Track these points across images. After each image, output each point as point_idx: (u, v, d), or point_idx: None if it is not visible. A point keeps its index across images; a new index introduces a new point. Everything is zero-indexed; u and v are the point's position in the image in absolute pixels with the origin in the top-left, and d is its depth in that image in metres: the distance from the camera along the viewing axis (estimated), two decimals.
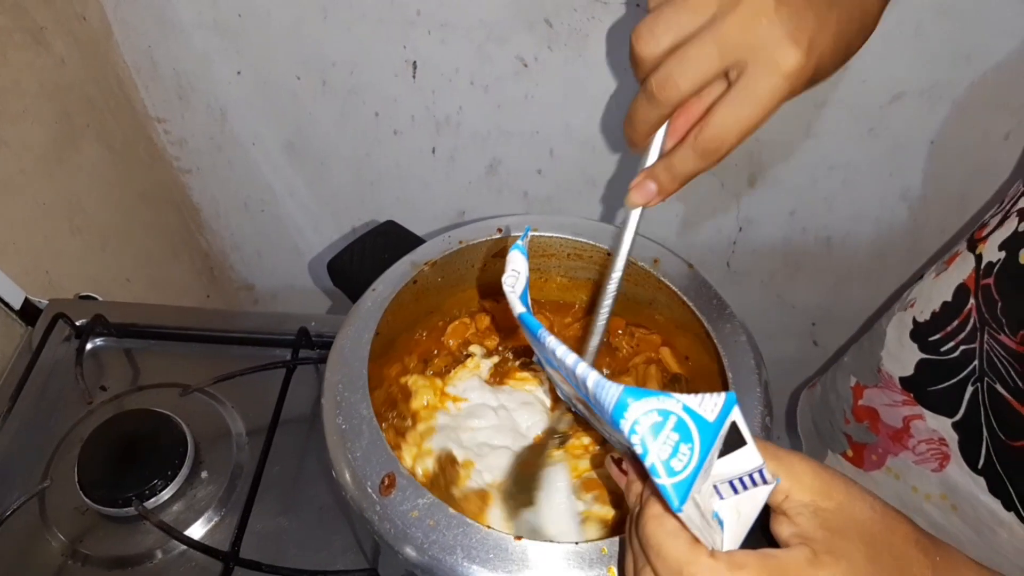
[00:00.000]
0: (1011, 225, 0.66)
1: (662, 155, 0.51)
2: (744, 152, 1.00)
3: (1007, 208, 0.69)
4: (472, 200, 1.14)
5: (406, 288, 0.68)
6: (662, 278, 0.68)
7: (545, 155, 1.04)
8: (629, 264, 0.57)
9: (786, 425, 1.40)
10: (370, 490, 0.54)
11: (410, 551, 0.52)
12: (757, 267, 1.17)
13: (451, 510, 0.53)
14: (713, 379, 0.67)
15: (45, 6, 0.87)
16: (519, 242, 0.50)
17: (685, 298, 0.67)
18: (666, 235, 1.13)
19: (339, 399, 0.59)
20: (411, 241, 0.76)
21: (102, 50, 0.97)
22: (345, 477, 0.56)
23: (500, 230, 0.72)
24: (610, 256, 0.61)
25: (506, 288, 0.47)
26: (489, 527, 0.52)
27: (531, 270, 0.74)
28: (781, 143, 0.98)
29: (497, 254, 0.73)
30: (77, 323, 0.85)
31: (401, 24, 0.92)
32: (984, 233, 0.70)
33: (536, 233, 0.73)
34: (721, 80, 0.46)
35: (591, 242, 0.72)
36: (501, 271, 0.49)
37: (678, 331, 0.73)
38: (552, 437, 0.68)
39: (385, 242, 0.76)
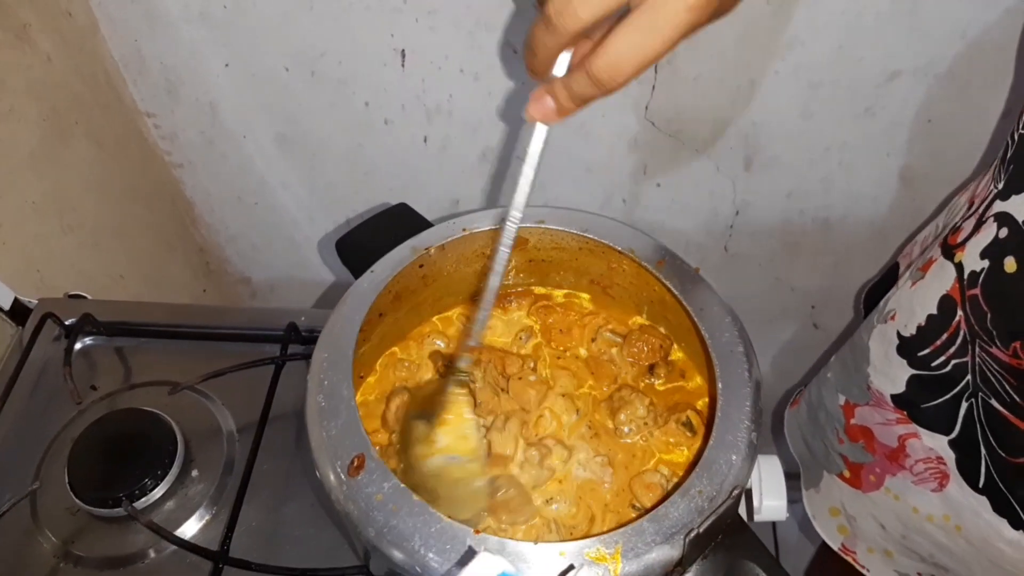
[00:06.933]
0: (989, 231, 0.62)
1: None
2: (739, 134, 0.98)
3: (979, 211, 0.65)
4: (466, 188, 1.13)
5: (412, 272, 0.69)
6: (664, 280, 0.68)
7: None
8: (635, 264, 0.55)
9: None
10: (339, 470, 0.55)
11: (370, 532, 0.53)
12: (755, 250, 1.16)
13: (415, 497, 0.53)
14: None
15: (28, 3, 0.87)
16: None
17: (685, 302, 0.66)
18: (663, 220, 1.12)
19: (322, 377, 0.60)
20: (422, 225, 0.76)
21: (89, 46, 0.96)
22: (319, 454, 0.57)
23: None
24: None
25: None
26: (451, 518, 0.53)
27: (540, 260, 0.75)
28: (776, 124, 0.97)
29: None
30: (66, 322, 0.84)
31: (388, 12, 0.90)
32: (959, 239, 0.66)
33: (546, 226, 0.73)
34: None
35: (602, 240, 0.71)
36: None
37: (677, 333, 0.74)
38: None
39: (396, 224, 0.76)
